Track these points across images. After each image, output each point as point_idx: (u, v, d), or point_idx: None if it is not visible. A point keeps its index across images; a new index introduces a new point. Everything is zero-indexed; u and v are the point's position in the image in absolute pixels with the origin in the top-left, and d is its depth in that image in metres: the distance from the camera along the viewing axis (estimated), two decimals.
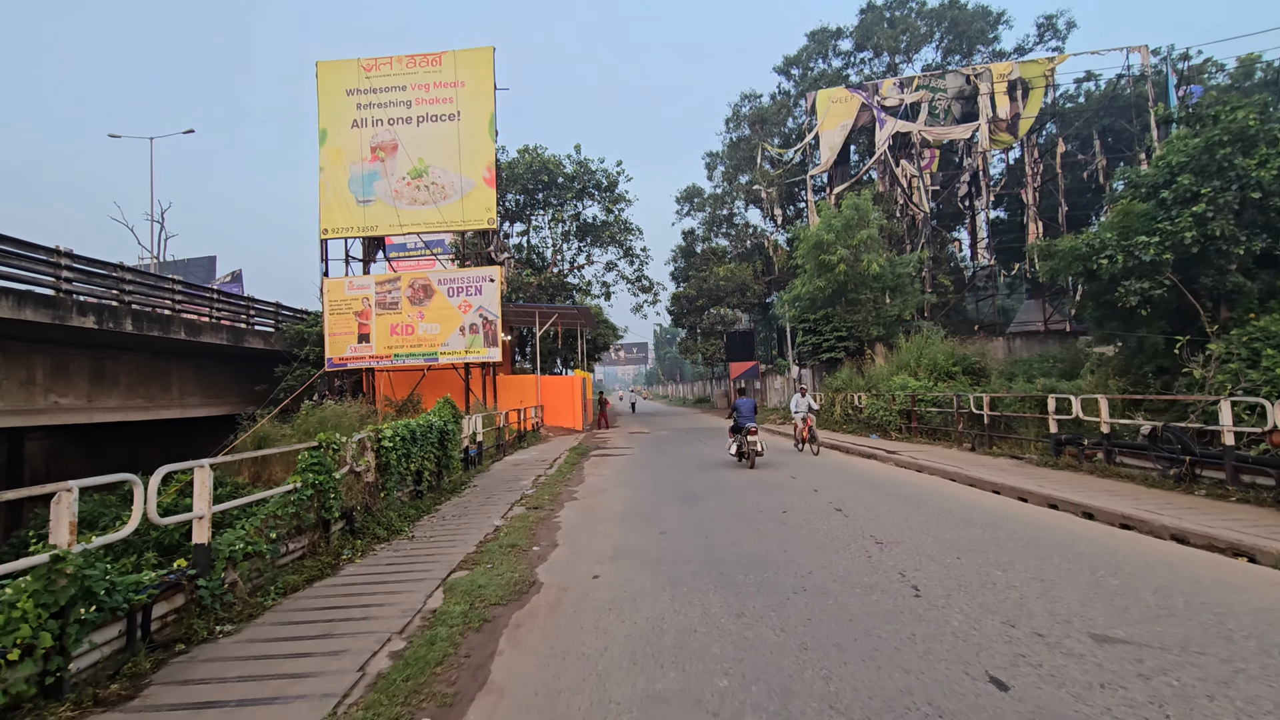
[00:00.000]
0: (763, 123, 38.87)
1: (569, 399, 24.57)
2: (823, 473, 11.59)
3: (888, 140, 34.43)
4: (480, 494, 10.06)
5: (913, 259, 21.23)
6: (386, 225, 20.81)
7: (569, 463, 14.32)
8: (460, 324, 20.29)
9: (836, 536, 6.58)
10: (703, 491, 9.88)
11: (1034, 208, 34.04)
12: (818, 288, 20.99)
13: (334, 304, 20.79)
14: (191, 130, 34.75)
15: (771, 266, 39.46)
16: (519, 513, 8.47)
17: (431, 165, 20.65)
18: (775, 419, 24.89)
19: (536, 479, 11.54)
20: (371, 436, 7.44)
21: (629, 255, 36.49)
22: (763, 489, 9.95)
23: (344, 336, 20.68)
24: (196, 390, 21.72)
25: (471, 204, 20.47)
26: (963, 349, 17.19)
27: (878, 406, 16.66)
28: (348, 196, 20.86)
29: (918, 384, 16.08)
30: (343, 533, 6.68)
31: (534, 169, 33.63)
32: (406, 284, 20.66)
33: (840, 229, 20.29)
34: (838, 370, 21.25)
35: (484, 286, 20.32)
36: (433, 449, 9.48)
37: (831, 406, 20.00)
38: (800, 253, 21.88)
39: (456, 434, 10.67)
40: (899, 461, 12.36)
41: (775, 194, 36.47)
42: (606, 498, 9.72)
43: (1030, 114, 34.16)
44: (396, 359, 20.47)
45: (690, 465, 13.40)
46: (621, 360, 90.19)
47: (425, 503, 8.89)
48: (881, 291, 21.31)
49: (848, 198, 21.11)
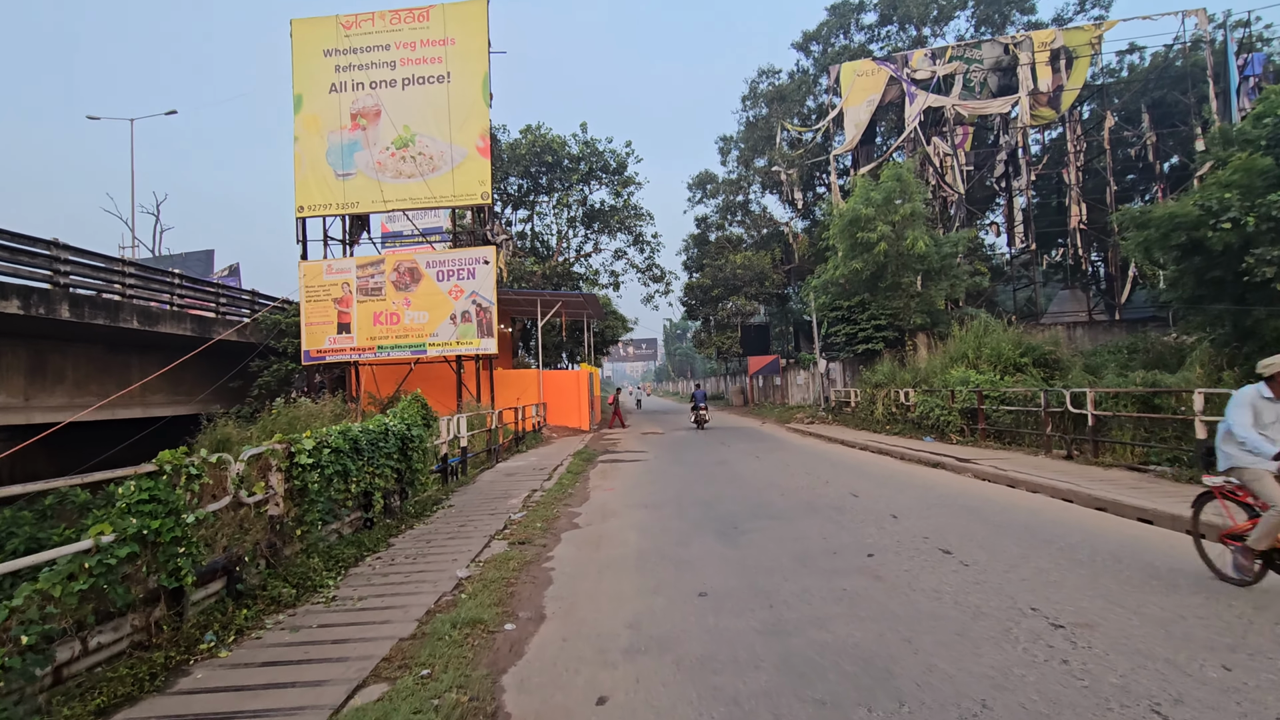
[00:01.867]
0: (781, 100, 36.35)
1: (574, 396, 22.31)
2: (886, 487, 9.23)
3: (918, 116, 31.90)
4: (455, 519, 7.77)
5: (961, 238, 18.75)
6: (368, 201, 18.56)
7: (572, 471, 12.03)
8: (451, 312, 18.03)
9: (977, 609, 4.22)
10: (743, 515, 7.55)
11: (1077, 188, 31.42)
12: (853, 270, 18.56)
13: (311, 290, 18.59)
14: (174, 111, 32.72)
15: (791, 255, 36.98)
16: (498, 551, 6.18)
17: (418, 133, 18.38)
18: (801, 418, 22.49)
19: (529, 495, 9.25)
20: (277, 451, 5.15)
21: (639, 242, 34.18)
22: (821, 511, 7.61)
23: (322, 326, 18.47)
24: (162, 386, 19.57)
25: (463, 176, 18.19)
26: (1030, 338, 14.76)
27: (932, 404, 14.27)
28: (325, 170, 18.63)
29: (982, 377, 13.67)
30: (220, 599, 4.41)
31: (537, 150, 31.34)
32: (391, 267, 18.42)
33: (880, 203, 17.85)
34: (876, 363, 18.84)
35: (477, 269, 18.04)
36: (389, 461, 7.20)
37: (870, 405, 17.59)
38: (833, 232, 19.44)
39: (426, 440, 8.40)
40: (979, 472, 9.98)
41: (795, 176, 33.97)
42: (617, 525, 7.41)
43: (1074, 85, 31.52)
44: (380, 351, 18.25)
45: (719, 476, 11.07)
46: (631, 356, 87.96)
47: (375, 535, 6.62)
48: (925, 274, 18.87)
49: (887, 168, 18.68)
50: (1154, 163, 32.71)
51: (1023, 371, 14.25)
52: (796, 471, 11.22)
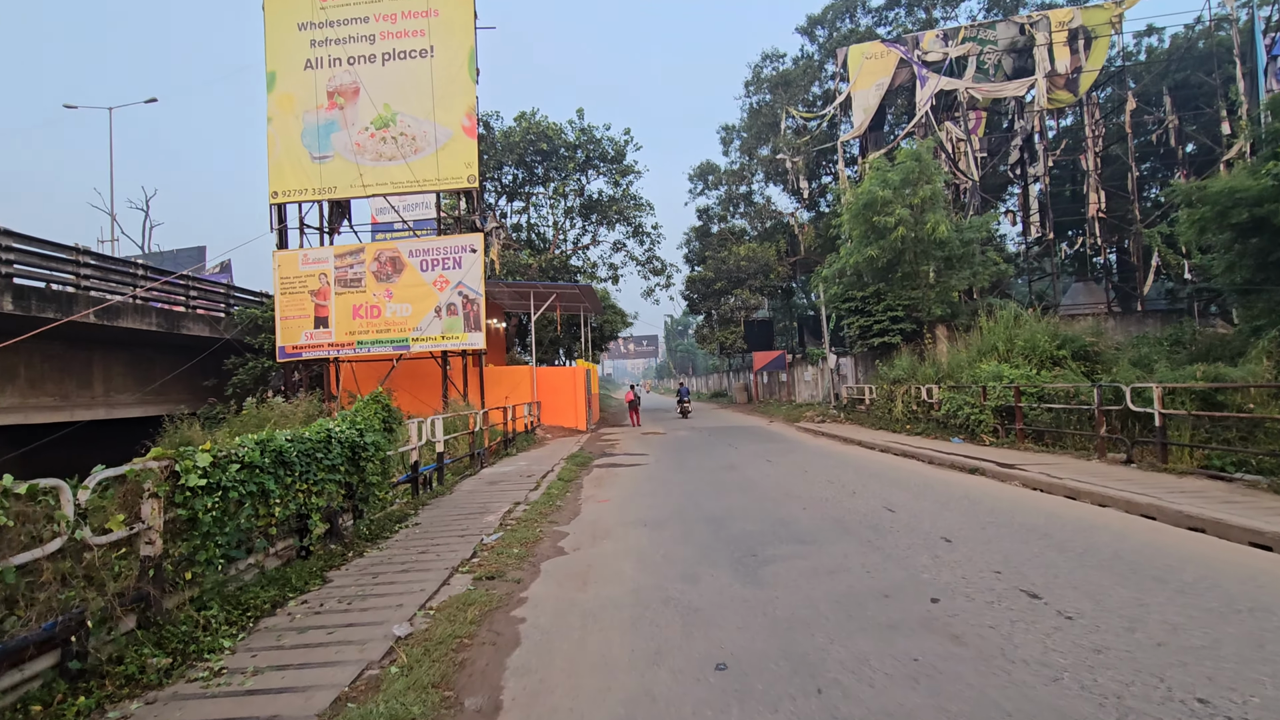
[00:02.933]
0: (786, 86, 34.94)
1: (570, 394, 21.03)
2: (924, 498, 7.94)
3: (930, 100, 30.52)
4: (416, 542, 6.50)
5: (983, 222, 17.42)
6: (346, 186, 17.25)
7: (563, 478, 10.76)
8: (436, 304, 16.74)
9: (1119, 700, 2.94)
10: (761, 538, 6.26)
11: (1095, 174, 30.04)
12: (868, 258, 17.22)
13: (286, 281, 17.30)
14: (154, 99, 31.40)
15: (796, 246, 35.63)
16: (458, 591, 4.90)
17: (400, 112, 17.07)
18: (811, 416, 21.19)
19: (510, 510, 7.96)
20: (152, 471, 3.87)
21: (639, 234, 32.83)
22: (855, 532, 6.32)
23: (298, 320, 17.20)
24: (130, 386, 18.34)
25: (448, 158, 16.89)
26: (1067, 329, 13.44)
27: (960, 402, 12.96)
28: (300, 152, 17.33)
29: (1016, 372, 12.37)
30: (47, 684, 3.14)
31: (531, 138, 29.99)
32: (371, 256, 17.12)
33: (898, 184, 16.51)
34: (893, 358, 17.54)
35: (464, 258, 16.74)
36: (333, 475, 5.92)
37: (889, 402, 16.29)
38: (845, 217, 18.12)
39: (386, 447, 7.12)
40: (1028, 480, 8.68)
41: (801, 164, 32.58)
42: (610, 550, 6.13)
43: (1093, 67, 30.12)
44: (360, 347, 16.97)
45: (728, 484, 9.78)
46: (631, 353, 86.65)
47: (309, 567, 5.34)
48: (946, 262, 17.54)
49: (903, 149, 17.37)
50: (1176, 147, 31.29)
51: (1060, 365, 12.94)
52: (816, 478, 9.94)
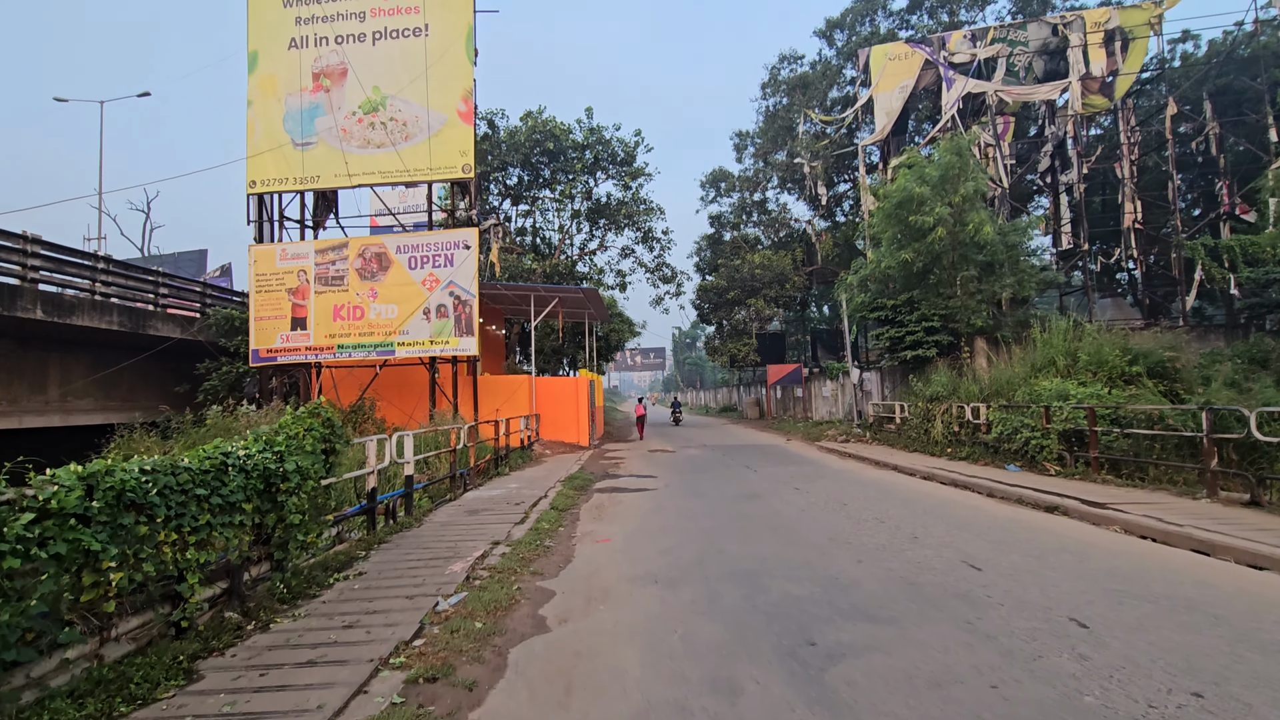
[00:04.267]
0: (804, 88, 33.51)
1: (572, 406, 19.38)
2: (1011, 550, 6.22)
3: (956, 103, 28.96)
4: (348, 605, 4.84)
5: (1029, 224, 15.74)
6: (331, 175, 15.79)
7: (557, 507, 9.10)
8: (424, 305, 15.20)
9: None
10: (816, 607, 4.56)
11: (1131, 184, 28.36)
12: (902, 262, 15.57)
13: (262, 278, 15.82)
14: (147, 93, 30.26)
15: (813, 256, 34.02)
16: (374, 712, 3.25)
17: (390, 96, 15.64)
18: (834, 435, 19.44)
19: (484, 554, 6.30)
20: None
21: (648, 239, 31.28)
22: (940, 604, 4.61)
23: (273, 321, 15.68)
24: (91, 390, 16.84)
25: (442, 145, 15.41)
26: (1140, 341, 11.73)
27: (1016, 424, 11.24)
28: (282, 138, 15.91)
29: (1086, 390, 10.65)
30: None
31: (537, 137, 28.60)
32: (355, 252, 15.62)
33: (937, 180, 14.91)
34: (928, 372, 15.83)
35: (456, 255, 15.22)
36: (228, 516, 4.30)
37: (925, 422, 14.56)
38: (875, 218, 16.49)
39: (321, 473, 5.49)
40: (1131, 525, 6.95)
41: (820, 169, 31.03)
42: (607, 625, 4.45)
43: (1130, 70, 28.55)
44: (340, 351, 15.41)
45: (755, 519, 8.08)
46: (638, 365, 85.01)
47: (176, 652, 3.70)
48: (986, 267, 15.88)
49: (943, 142, 15.78)
50: (1217, 156, 29.56)
51: (1133, 384, 11.22)
52: (860, 514, 8.23)
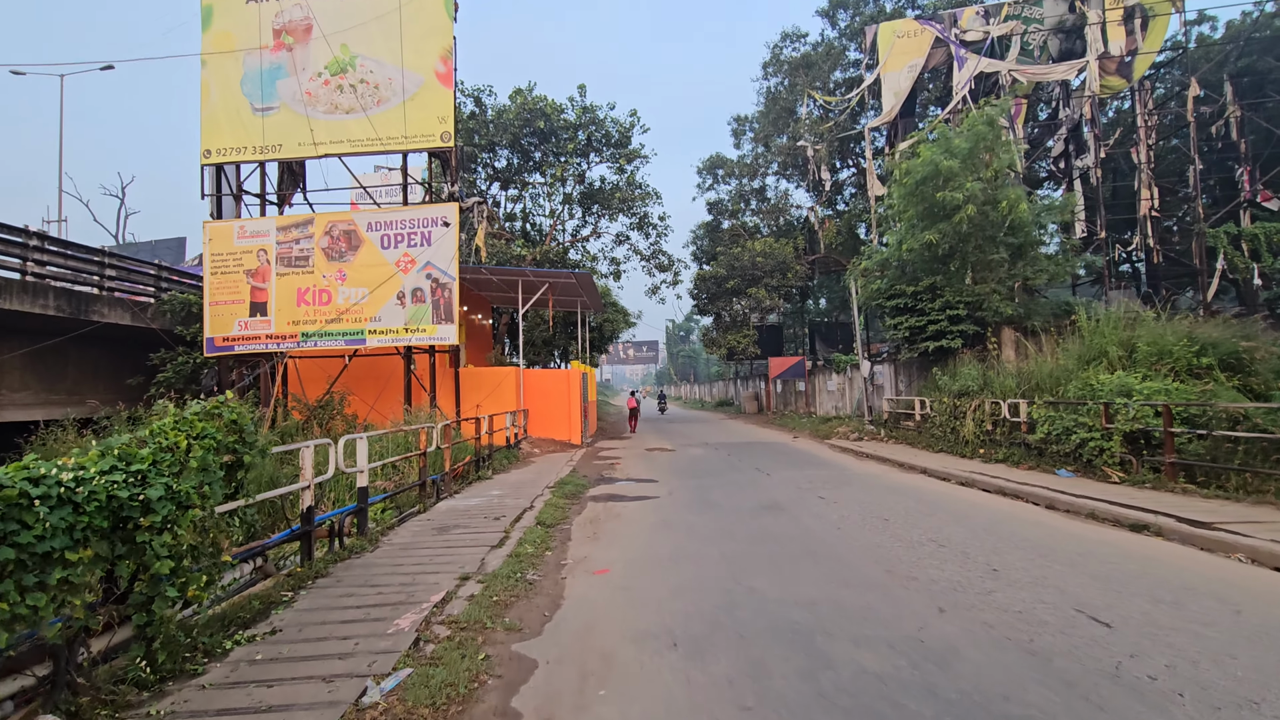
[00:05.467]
0: (807, 68, 32.00)
1: (563, 401, 17.92)
2: (1130, 594, 4.82)
3: (968, 83, 27.55)
4: (237, 694, 3.38)
5: (1065, 204, 14.35)
6: (294, 144, 14.17)
7: (544, 522, 7.65)
8: (399, 289, 13.65)
9: None
10: (910, 697, 3.15)
11: (1148, 169, 27.10)
12: (925, 244, 14.18)
13: (218, 259, 14.22)
14: (110, 66, 28.34)
15: (815, 244, 32.62)
16: None
17: (360, 55, 14.03)
18: (845, 433, 18.08)
19: (447, 597, 4.83)
20: None
21: (644, 225, 29.75)
22: (1082, 688, 3.18)
23: (230, 306, 14.10)
24: (31, 382, 15.19)
25: (418, 111, 13.83)
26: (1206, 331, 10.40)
27: (1067, 423, 9.88)
28: (240, 102, 14.27)
29: (1152, 385, 9.29)
30: None
31: (527, 115, 26.97)
32: (322, 230, 14.03)
33: (967, 153, 13.51)
34: (952, 365, 14.47)
35: (434, 234, 13.67)
36: (46, 572, 2.83)
37: (952, 420, 13.19)
38: (896, 196, 15.08)
39: (215, 498, 4.01)
40: (1259, 552, 5.56)
41: (824, 152, 29.60)
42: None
43: (1150, 49, 27.25)
44: (305, 340, 13.85)
45: (785, 541, 6.64)
46: (631, 358, 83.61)
47: None
48: (1016, 250, 14.51)
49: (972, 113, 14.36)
50: (1237, 141, 28.29)
51: (1199, 378, 9.88)
52: (909, 533, 6.82)
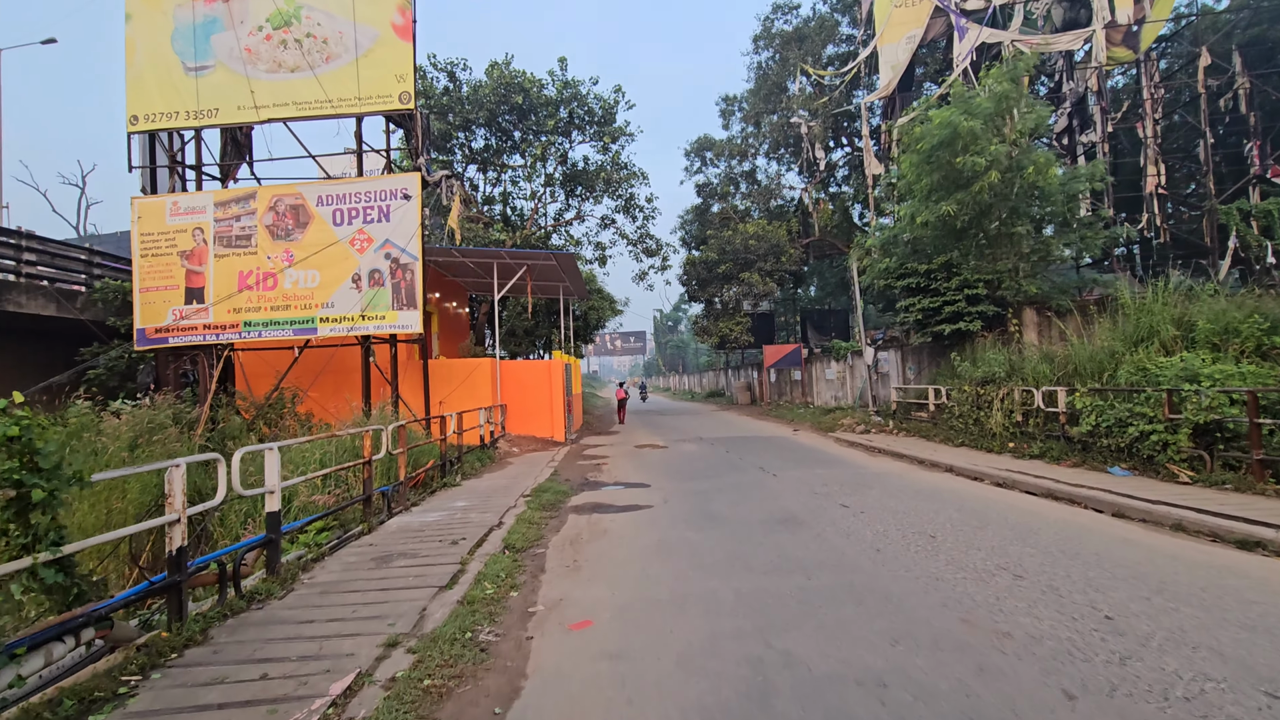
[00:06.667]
0: (800, 41, 30.52)
1: (545, 394, 16.43)
2: None
3: (969, 55, 26.21)
4: None
5: (1094, 171, 13.04)
6: (234, 107, 12.49)
7: (513, 545, 6.20)
8: (354, 270, 12.07)
9: None
10: None
11: (1155, 145, 25.98)
12: (943, 216, 12.81)
13: (149, 239, 12.54)
14: (53, 40, 26.25)
15: (809, 227, 31.26)
16: None
17: (306, 5, 12.34)
18: (850, 424, 16.77)
19: (355, 685, 3.39)
20: None
21: (630, 208, 28.19)
22: None
23: (163, 292, 12.44)
24: None
25: (373, 69, 12.20)
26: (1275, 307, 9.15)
27: (1123, 414, 8.57)
28: (170, 61, 12.56)
29: (1225, 369, 7.99)
30: None
31: (505, 90, 25.27)
32: (265, 204, 12.39)
33: (991, 112, 12.13)
34: (972, 349, 13.15)
35: (393, 208, 12.09)
36: None
37: (975, 410, 11.88)
38: (907, 164, 13.68)
39: None
40: None
41: (818, 129, 28.17)
42: None
43: (1159, 17, 26.07)
44: (248, 329, 12.24)
45: (810, 567, 5.23)
46: (619, 350, 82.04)
47: None
48: (1038, 223, 13.18)
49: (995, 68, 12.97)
50: (1247, 114, 27.17)
51: (1268, 359, 8.61)
52: (968, 557, 5.45)
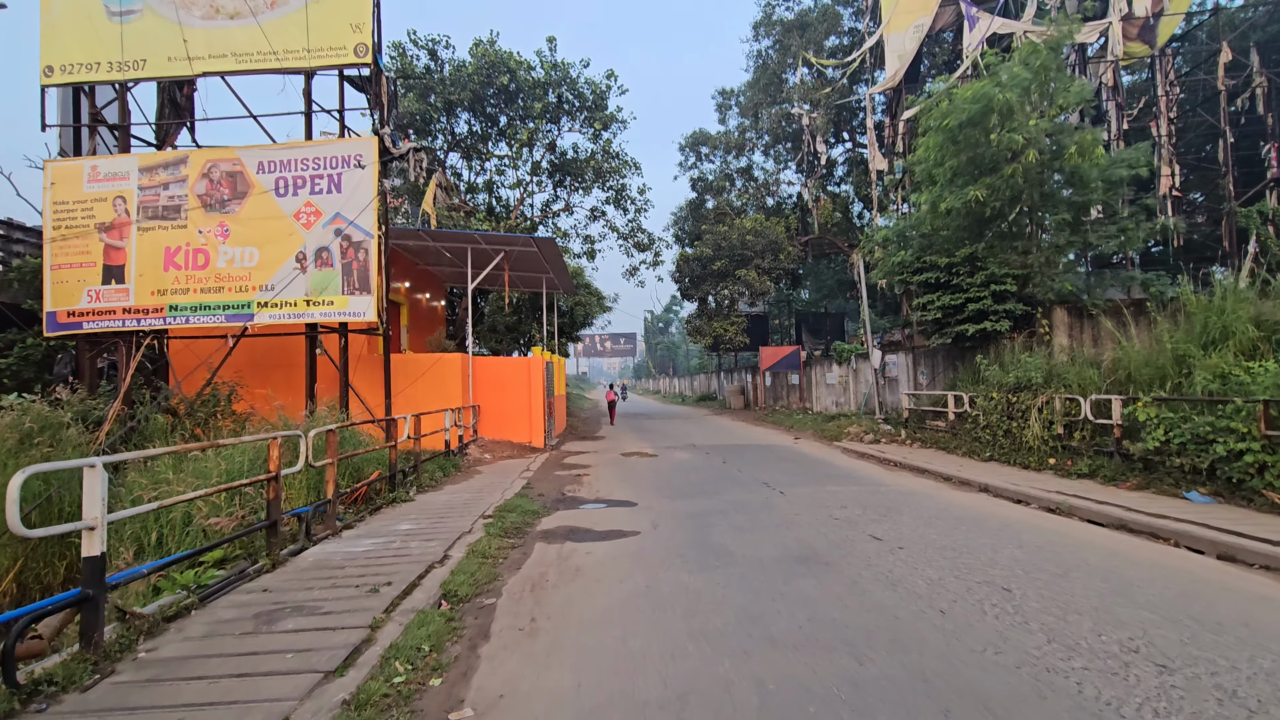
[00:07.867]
0: (803, 29, 29.17)
1: (522, 395, 14.85)
2: None
3: (980, 45, 24.99)
4: None
5: (1138, 155, 11.67)
6: (163, 59, 10.83)
7: (454, 594, 4.63)
8: (300, 248, 10.45)
9: None
10: None
11: (1169, 145, 24.83)
12: (969, 203, 11.39)
13: (63, 210, 10.86)
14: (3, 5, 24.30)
15: (808, 225, 29.92)
16: None
17: None
18: (857, 433, 15.32)
19: None
20: None
21: (620, 200, 26.67)
22: None
23: (78, 270, 10.76)
24: None
25: (324, 16, 10.60)
26: None
27: (1201, 428, 7.15)
28: (92, 3, 10.90)
29: None
30: None
31: (489, 71, 23.66)
32: (198, 171, 10.74)
33: (1029, 83, 10.73)
34: (994, 352, 11.74)
35: (345, 177, 10.48)
36: None
37: (1006, 420, 10.46)
38: (931, 145, 12.25)
39: None
40: None
41: (820, 120, 26.81)
42: None
43: (1177, 10, 25.01)
44: (174, 314, 10.57)
45: (864, 641, 3.70)
46: (608, 351, 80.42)
47: None
48: (1077, 212, 11.83)
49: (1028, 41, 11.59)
50: (1265, 115, 26.05)
51: None
52: (1069, 628, 3.96)
